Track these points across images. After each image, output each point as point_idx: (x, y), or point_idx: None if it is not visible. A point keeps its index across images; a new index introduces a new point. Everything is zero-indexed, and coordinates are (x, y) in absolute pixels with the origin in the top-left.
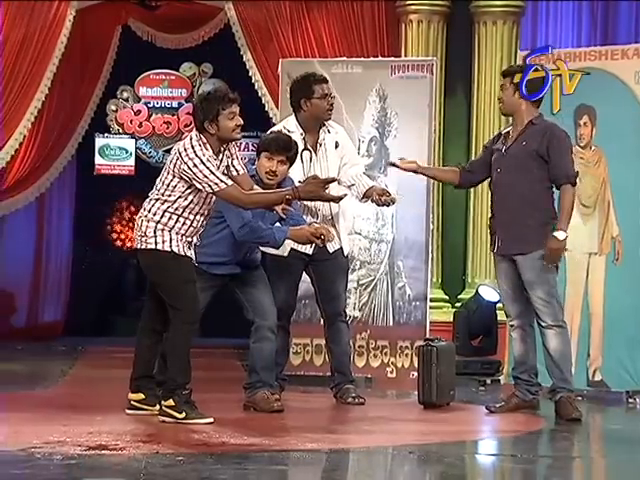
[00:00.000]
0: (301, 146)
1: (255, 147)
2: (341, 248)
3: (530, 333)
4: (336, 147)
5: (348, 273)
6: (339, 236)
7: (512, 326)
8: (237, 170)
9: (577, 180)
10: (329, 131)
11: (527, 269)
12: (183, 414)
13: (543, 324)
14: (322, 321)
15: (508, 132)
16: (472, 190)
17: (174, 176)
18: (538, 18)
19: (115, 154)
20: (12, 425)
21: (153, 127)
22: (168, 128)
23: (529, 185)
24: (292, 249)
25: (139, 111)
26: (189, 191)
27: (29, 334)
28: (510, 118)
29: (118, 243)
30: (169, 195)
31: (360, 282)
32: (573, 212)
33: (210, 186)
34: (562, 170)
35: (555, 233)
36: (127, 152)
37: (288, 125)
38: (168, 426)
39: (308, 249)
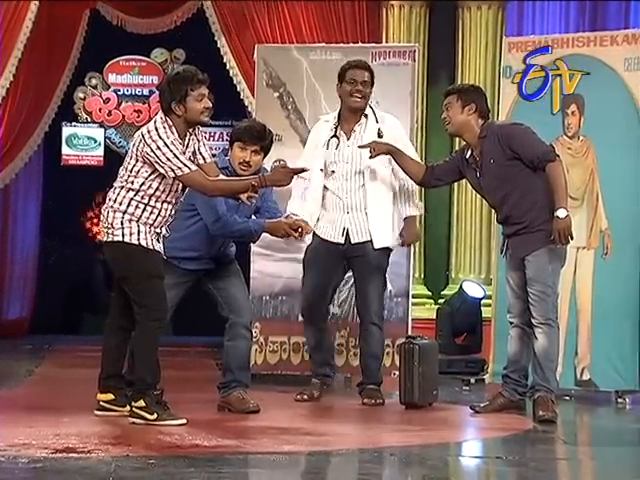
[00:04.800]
0: (331, 133)
1: (229, 137)
2: (370, 241)
3: (528, 334)
4: (379, 136)
5: (382, 270)
6: (368, 227)
7: (511, 323)
8: (204, 157)
9: (556, 151)
10: (377, 120)
11: (531, 265)
12: (154, 415)
13: (533, 321)
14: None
15: (471, 156)
16: (456, 183)
17: (137, 160)
18: (524, 3)
19: (83, 144)
20: None
21: (123, 116)
22: (139, 117)
23: (518, 192)
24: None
25: (108, 99)
26: (153, 176)
27: None
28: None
29: (87, 237)
30: (132, 182)
31: None
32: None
33: (173, 170)
34: (534, 154)
35: (556, 213)
36: (95, 142)
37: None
38: (138, 428)
39: (339, 238)
